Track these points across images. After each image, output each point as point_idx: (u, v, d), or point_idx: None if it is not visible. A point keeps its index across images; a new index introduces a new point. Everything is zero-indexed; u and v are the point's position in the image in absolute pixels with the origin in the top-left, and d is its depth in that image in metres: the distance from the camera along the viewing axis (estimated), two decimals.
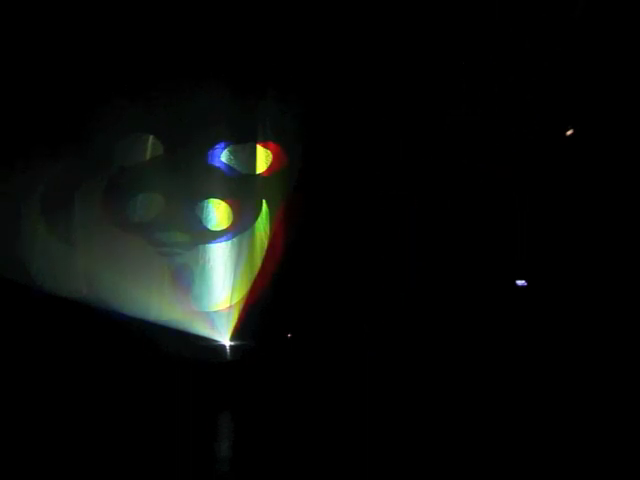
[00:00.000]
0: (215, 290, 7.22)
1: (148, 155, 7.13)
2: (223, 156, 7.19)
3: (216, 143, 7.19)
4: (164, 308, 7.11)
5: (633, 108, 6.79)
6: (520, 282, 7.18)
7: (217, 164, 7.20)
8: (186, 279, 7.19)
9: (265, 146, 7.28)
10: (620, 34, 6.57)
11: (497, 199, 7.07)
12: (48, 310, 6.92)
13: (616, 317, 6.71)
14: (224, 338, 7.21)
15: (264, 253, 7.29)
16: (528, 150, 7.01)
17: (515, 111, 6.92)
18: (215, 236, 7.22)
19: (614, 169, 6.88)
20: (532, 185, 7.09)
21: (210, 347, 7.15)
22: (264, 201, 7.27)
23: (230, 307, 7.22)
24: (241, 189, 7.24)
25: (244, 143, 7.25)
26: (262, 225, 7.28)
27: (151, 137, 7.10)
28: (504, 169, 6.97)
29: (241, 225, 7.25)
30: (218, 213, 7.19)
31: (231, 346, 7.20)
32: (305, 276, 7.19)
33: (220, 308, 7.23)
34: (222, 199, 7.19)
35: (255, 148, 7.26)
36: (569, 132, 7.15)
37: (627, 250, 6.78)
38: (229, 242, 7.24)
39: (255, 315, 7.21)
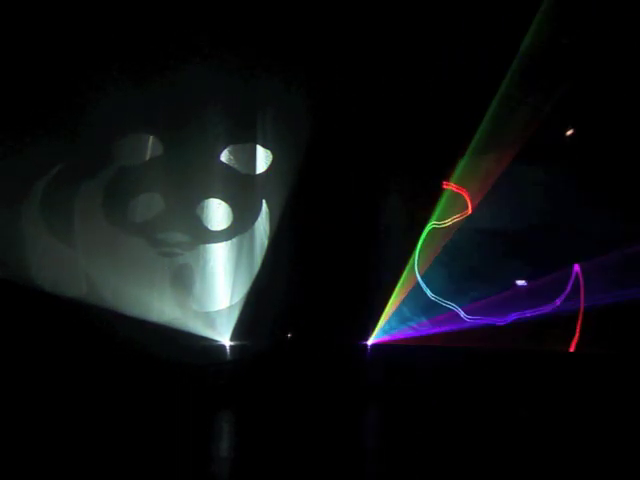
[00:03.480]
0: (215, 290, 7.22)
1: (148, 155, 7.10)
2: (223, 156, 7.17)
3: (216, 143, 7.17)
4: (164, 308, 7.11)
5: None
6: (520, 282, 7.18)
7: (217, 164, 7.18)
8: (186, 279, 7.18)
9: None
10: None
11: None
12: (48, 310, 6.93)
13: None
14: (224, 338, 7.21)
15: (264, 253, 7.28)
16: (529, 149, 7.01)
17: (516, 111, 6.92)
18: (215, 236, 7.20)
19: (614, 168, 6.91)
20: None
21: (210, 347, 7.15)
22: (264, 201, 7.26)
23: (230, 307, 7.22)
24: (241, 189, 7.22)
25: (244, 143, 7.23)
26: (262, 225, 7.27)
27: (151, 137, 7.08)
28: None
29: (241, 225, 7.24)
30: (218, 213, 7.18)
31: (231, 346, 7.20)
32: (305, 276, 7.18)
33: (220, 308, 7.23)
34: (222, 199, 7.17)
35: (255, 148, 7.24)
36: (569, 132, 7.15)
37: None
38: (229, 242, 7.23)
39: (255, 315, 7.21)
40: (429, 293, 7.13)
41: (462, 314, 7.09)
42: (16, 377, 6.45)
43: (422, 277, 7.17)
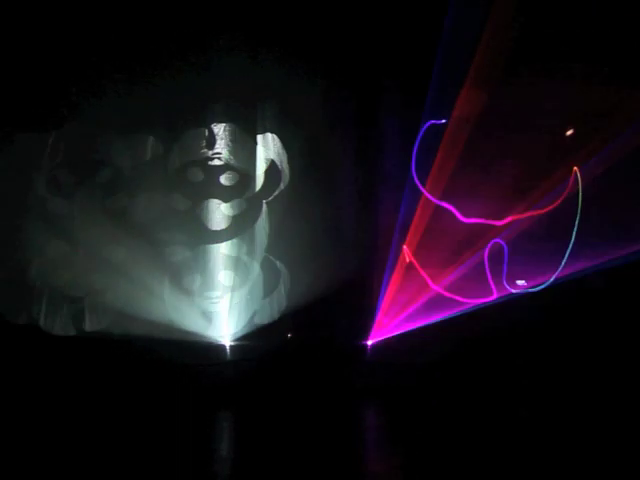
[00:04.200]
0: (215, 290, 7.22)
1: (148, 155, 7.10)
2: (223, 156, 7.16)
3: (216, 142, 7.16)
4: (164, 308, 7.11)
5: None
6: (520, 282, 7.19)
7: (217, 164, 7.17)
8: (186, 279, 7.18)
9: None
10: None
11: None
12: (48, 310, 6.94)
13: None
14: (224, 338, 7.22)
15: (264, 253, 7.28)
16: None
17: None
18: (215, 236, 7.20)
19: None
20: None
21: (210, 347, 7.15)
22: (264, 201, 7.26)
23: (230, 307, 7.21)
24: (241, 188, 7.22)
25: (244, 142, 7.22)
26: (262, 225, 7.26)
27: (151, 137, 7.07)
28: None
29: (241, 225, 7.23)
30: (218, 213, 7.18)
31: (231, 346, 7.21)
32: (305, 276, 7.18)
33: (220, 308, 7.23)
34: (222, 199, 7.17)
35: (255, 148, 7.24)
36: (569, 132, 7.16)
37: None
38: (229, 242, 7.23)
39: (255, 315, 7.22)
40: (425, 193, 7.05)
41: (458, 215, 7.05)
42: (15, 377, 6.47)
43: (419, 179, 7.11)
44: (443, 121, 6.98)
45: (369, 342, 7.24)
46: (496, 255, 7.13)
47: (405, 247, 7.13)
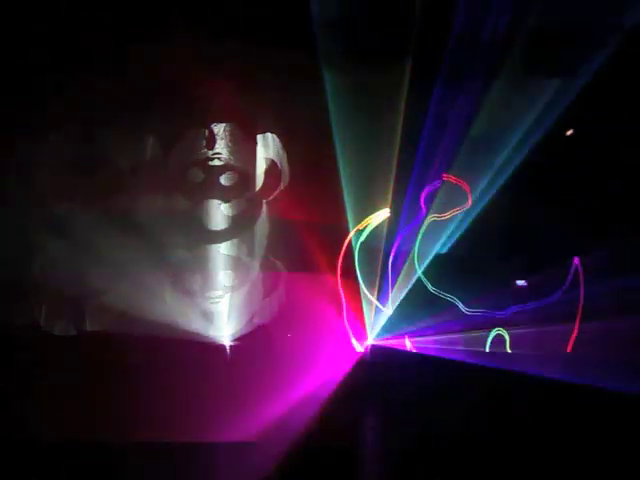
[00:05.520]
0: (216, 290, 7.22)
1: (148, 155, 7.10)
2: (223, 156, 7.16)
3: (216, 142, 7.17)
4: (164, 308, 7.11)
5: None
6: (520, 282, 7.19)
7: (217, 163, 7.18)
8: (186, 280, 7.18)
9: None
10: None
11: None
12: (48, 310, 6.95)
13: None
14: (224, 337, 7.22)
15: (264, 253, 7.28)
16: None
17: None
18: (215, 236, 7.20)
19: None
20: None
21: (210, 347, 7.15)
22: (264, 201, 7.26)
23: (230, 307, 7.22)
24: (241, 189, 7.22)
25: (244, 142, 7.22)
26: (262, 225, 7.26)
27: (151, 137, 7.07)
28: None
29: (241, 225, 7.23)
30: (218, 213, 7.18)
31: (231, 346, 7.21)
32: (305, 275, 7.18)
33: (220, 308, 7.23)
34: (222, 199, 7.17)
35: (255, 146, 7.24)
36: (569, 132, 7.16)
37: None
38: (229, 242, 7.23)
39: (255, 315, 7.22)
40: (429, 286, 7.09)
41: (461, 307, 7.08)
42: (15, 377, 6.48)
43: (421, 271, 7.14)
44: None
45: (369, 342, 7.26)
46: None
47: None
